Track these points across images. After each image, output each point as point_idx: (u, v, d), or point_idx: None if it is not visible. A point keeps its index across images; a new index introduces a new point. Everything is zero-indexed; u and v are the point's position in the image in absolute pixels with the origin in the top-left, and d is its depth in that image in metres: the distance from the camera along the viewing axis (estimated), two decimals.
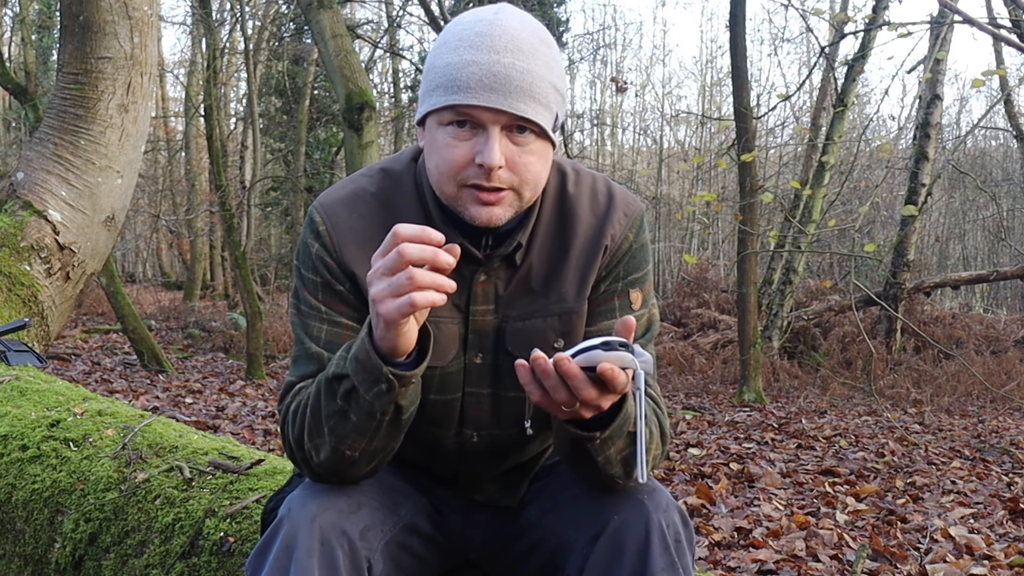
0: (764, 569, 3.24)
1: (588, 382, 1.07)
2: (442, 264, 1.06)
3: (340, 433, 1.18)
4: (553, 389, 1.08)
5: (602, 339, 1.06)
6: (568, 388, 1.07)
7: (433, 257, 1.05)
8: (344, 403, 1.16)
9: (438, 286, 1.06)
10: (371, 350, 1.12)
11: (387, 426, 1.18)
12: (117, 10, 3.65)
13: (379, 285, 1.08)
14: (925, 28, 7.03)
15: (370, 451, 1.20)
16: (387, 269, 1.06)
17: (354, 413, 1.16)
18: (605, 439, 1.16)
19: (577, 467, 1.24)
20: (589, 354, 1.06)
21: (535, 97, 1.18)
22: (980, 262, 18.10)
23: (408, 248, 1.05)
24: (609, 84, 20.86)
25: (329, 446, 1.19)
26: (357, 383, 1.14)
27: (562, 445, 1.22)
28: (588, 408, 1.10)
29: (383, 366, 1.12)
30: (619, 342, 1.06)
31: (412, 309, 1.06)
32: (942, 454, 5.78)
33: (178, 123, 19.85)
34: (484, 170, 1.18)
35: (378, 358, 1.12)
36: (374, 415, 1.16)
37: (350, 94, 5.53)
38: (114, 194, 3.76)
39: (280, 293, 15.50)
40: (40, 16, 14.66)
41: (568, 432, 1.17)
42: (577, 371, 1.06)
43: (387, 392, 1.14)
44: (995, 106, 12.56)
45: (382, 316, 1.08)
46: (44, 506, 1.96)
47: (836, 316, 11.16)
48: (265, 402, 6.82)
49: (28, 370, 2.71)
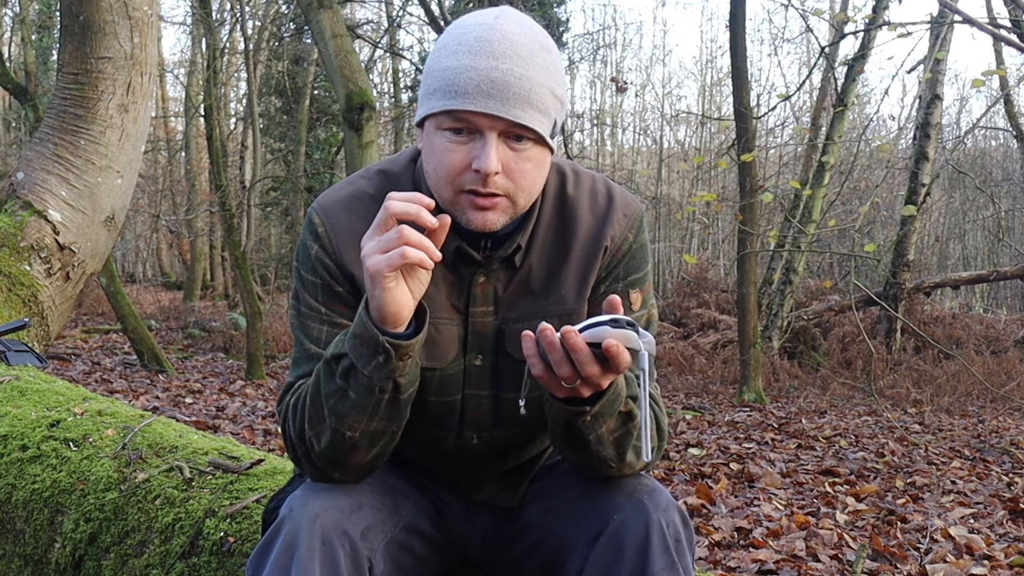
0: (764, 569, 3.24)
1: (592, 358, 1.08)
2: (424, 221, 1.10)
3: (340, 413, 1.19)
4: (557, 363, 1.09)
5: (610, 316, 1.07)
6: (572, 363, 1.08)
7: (416, 213, 1.10)
8: (343, 381, 1.17)
9: (424, 246, 1.10)
10: (368, 321, 1.14)
11: (386, 405, 1.19)
12: (117, 10, 3.65)
13: (369, 244, 1.12)
14: (925, 28, 7.04)
15: (370, 432, 1.20)
16: (376, 226, 1.12)
17: (353, 391, 1.17)
18: (596, 415, 1.16)
19: (571, 451, 1.24)
20: (596, 330, 1.06)
21: (533, 104, 1.18)
22: (980, 262, 18.09)
23: (393, 203, 1.10)
24: (609, 84, 20.87)
25: (330, 429, 1.20)
26: (355, 359, 1.16)
27: (555, 427, 1.22)
28: (588, 386, 1.11)
29: (379, 334, 1.13)
30: (627, 321, 1.07)
31: (401, 261, 1.09)
32: (942, 454, 5.78)
33: (178, 123, 19.85)
34: (480, 176, 1.18)
35: (374, 327, 1.13)
36: (373, 390, 1.17)
37: (350, 94, 5.53)
38: (114, 194, 3.76)
39: (280, 293, 15.50)
40: (40, 16, 14.66)
41: (560, 410, 1.17)
42: (583, 345, 1.07)
43: (384, 364, 1.15)
44: (995, 106, 12.56)
45: (369, 271, 1.11)
46: (44, 506, 1.96)
47: (836, 316, 11.16)
48: (265, 402, 6.82)
49: (28, 370, 2.71)
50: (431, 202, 1.11)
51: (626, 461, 1.22)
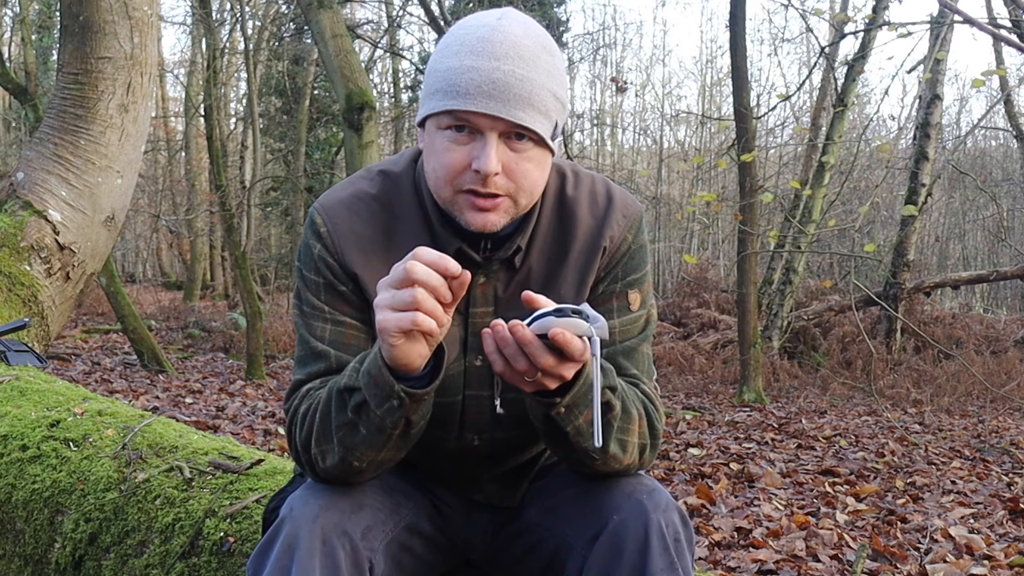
0: (764, 569, 3.24)
1: (544, 349, 1.07)
2: (443, 296, 1.07)
3: (349, 445, 1.18)
4: (512, 357, 1.08)
5: (555, 306, 1.07)
6: (526, 356, 1.07)
7: (438, 287, 1.06)
8: (355, 416, 1.16)
9: (437, 315, 1.07)
10: (383, 366, 1.12)
11: (396, 439, 1.18)
12: (117, 10, 3.65)
13: (384, 295, 1.09)
14: (925, 28, 7.04)
15: (377, 461, 1.21)
16: (394, 280, 1.08)
17: (364, 427, 1.16)
18: (569, 407, 1.15)
19: (555, 446, 1.24)
20: (542, 321, 1.06)
21: (534, 105, 1.18)
22: (980, 262, 18.09)
23: (416, 268, 1.06)
24: (609, 84, 20.86)
25: (337, 455, 1.19)
26: (368, 397, 1.14)
27: (537, 423, 1.22)
28: (550, 378, 1.10)
29: (395, 383, 1.12)
30: (572, 308, 1.06)
31: (411, 327, 1.06)
32: (942, 454, 5.78)
33: (178, 123, 19.85)
34: (480, 176, 1.18)
35: (390, 375, 1.11)
36: (384, 430, 1.16)
37: (350, 94, 5.53)
38: (114, 194, 3.76)
39: (280, 293, 15.51)
40: (40, 16, 14.66)
41: (535, 404, 1.17)
42: (532, 337, 1.06)
43: (398, 408, 1.14)
44: (995, 106, 12.56)
45: (379, 325, 1.09)
46: (44, 506, 1.96)
47: (836, 316, 11.16)
48: (265, 402, 6.82)
49: (28, 370, 2.71)
50: (457, 269, 1.07)
51: (610, 453, 1.21)
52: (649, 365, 1.33)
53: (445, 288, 1.07)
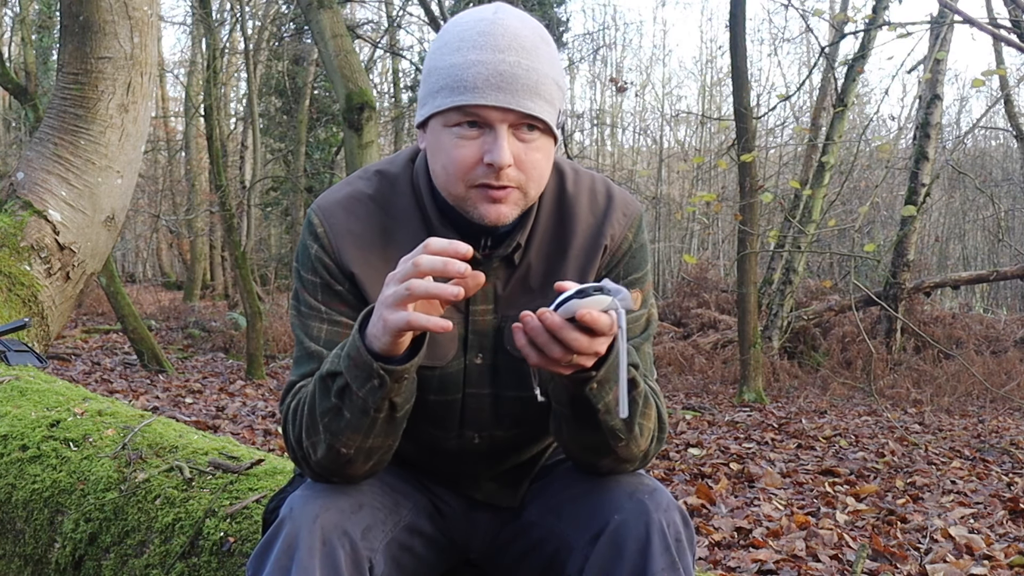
0: (764, 569, 3.24)
1: (575, 330, 1.07)
2: (451, 272, 1.06)
3: (335, 430, 1.18)
4: (545, 345, 1.09)
5: (577, 287, 1.08)
6: (559, 342, 1.08)
7: (443, 267, 1.06)
8: (338, 400, 1.16)
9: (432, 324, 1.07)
10: (361, 347, 1.12)
11: (382, 424, 1.18)
12: (117, 10, 3.65)
13: (388, 289, 1.09)
14: (925, 28, 7.03)
15: (366, 449, 1.20)
16: (401, 276, 1.08)
17: (348, 410, 1.16)
18: (601, 381, 1.15)
19: (579, 429, 1.22)
20: (567, 305, 1.08)
21: (541, 94, 1.18)
22: (980, 262, 18.09)
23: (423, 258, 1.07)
24: (609, 84, 20.85)
25: (325, 444, 1.19)
26: (350, 380, 1.14)
27: (562, 409, 1.22)
28: (586, 356, 1.11)
29: (373, 362, 1.12)
30: (593, 287, 1.08)
31: (409, 327, 1.07)
32: (942, 454, 5.78)
33: (178, 123, 19.84)
34: (493, 169, 1.18)
35: (368, 355, 1.12)
36: (368, 412, 1.16)
37: (350, 94, 5.53)
38: (114, 194, 3.76)
39: (280, 293, 15.50)
40: (40, 16, 14.65)
41: (566, 385, 1.17)
42: (561, 322, 1.07)
43: (379, 388, 1.13)
44: (995, 106, 12.55)
45: (384, 320, 1.09)
46: (44, 506, 1.96)
47: (836, 316, 11.16)
48: (265, 402, 6.82)
49: (28, 370, 2.71)
50: (468, 251, 1.08)
51: (633, 434, 1.21)
52: (650, 365, 1.34)
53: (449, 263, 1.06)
